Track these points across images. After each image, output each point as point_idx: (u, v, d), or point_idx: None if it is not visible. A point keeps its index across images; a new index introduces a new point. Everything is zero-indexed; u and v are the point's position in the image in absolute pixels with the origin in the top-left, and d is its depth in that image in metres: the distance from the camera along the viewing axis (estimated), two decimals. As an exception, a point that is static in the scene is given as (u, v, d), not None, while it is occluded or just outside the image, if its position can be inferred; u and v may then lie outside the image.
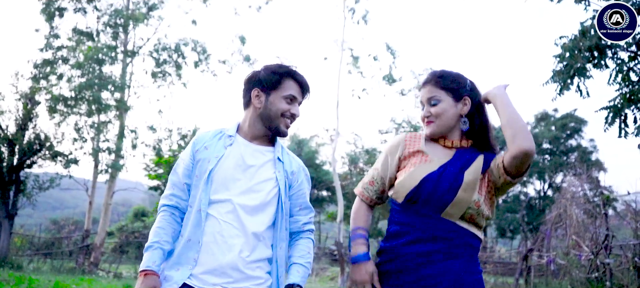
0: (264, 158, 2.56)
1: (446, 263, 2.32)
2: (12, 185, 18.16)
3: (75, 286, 11.60)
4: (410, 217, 2.40)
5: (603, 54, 6.85)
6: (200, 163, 2.53)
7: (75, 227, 30.62)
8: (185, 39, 21.76)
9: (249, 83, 2.60)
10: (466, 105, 2.48)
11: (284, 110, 2.53)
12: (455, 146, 2.48)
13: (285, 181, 2.55)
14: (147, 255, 2.47)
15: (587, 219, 13.24)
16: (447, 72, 2.52)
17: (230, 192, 2.46)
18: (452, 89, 2.47)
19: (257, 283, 2.44)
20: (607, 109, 7.01)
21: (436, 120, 2.46)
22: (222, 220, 2.43)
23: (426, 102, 2.50)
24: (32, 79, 19.53)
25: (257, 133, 2.58)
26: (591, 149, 34.75)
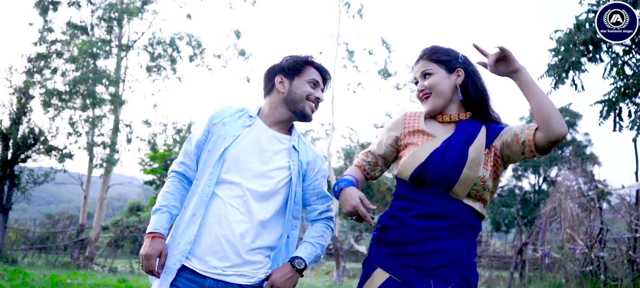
0: (280, 146, 2.55)
1: (450, 241, 2.32)
2: (6, 179, 18.09)
3: (70, 280, 11.58)
4: (417, 193, 2.39)
5: (598, 47, 6.85)
6: (215, 138, 2.51)
7: (70, 221, 30.55)
8: (180, 33, 21.72)
9: (272, 72, 2.61)
10: (460, 77, 2.46)
11: (309, 92, 2.54)
12: (454, 120, 2.47)
13: (298, 170, 2.55)
14: (155, 217, 2.48)
15: (581, 213, 13.28)
16: (437, 46, 2.53)
17: (242, 175, 2.44)
18: (444, 61, 2.46)
19: (256, 268, 2.44)
20: (602, 102, 7.02)
21: (432, 93, 2.45)
22: (228, 203, 2.41)
23: (420, 76, 2.50)
24: (26, 73, 19.48)
25: (279, 118, 2.57)
26: (586, 143, 34.83)
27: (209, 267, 2.37)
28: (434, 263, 2.29)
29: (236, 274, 2.39)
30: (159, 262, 2.39)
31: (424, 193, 2.37)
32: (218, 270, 2.37)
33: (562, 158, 31.81)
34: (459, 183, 2.31)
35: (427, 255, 2.30)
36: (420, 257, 2.31)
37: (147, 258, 2.38)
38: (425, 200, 2.36)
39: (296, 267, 2.46)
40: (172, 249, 2.43)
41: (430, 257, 2.30)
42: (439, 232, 2.32)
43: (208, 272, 2.37)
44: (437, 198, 2.35)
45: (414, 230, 2.34)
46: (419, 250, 2.32)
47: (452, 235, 2.33)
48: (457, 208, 2.34)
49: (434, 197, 2.35)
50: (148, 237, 2.43)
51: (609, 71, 7.01)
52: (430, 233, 2.32)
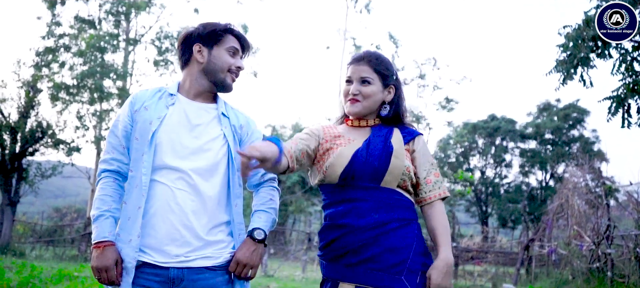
0: (209, 116, 2.46)
1: (403, 231, 2.33)
2: (14, 172, 18.19)
3: (77, 273, 11.63)
4: (349, 193, 2.37)
5: (607, 44, 6.81)
6: (140, 124, 2.38)
7: (77, 214, 30.69)
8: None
9: (188, 40, 2.50)
10: (390, 94, 2.52)
11: (229, 63, 2.45)
12: (370, 124, 2.53)
13: (233, 136, 2.46)
14: (99, 225, 2.32)
15: (588, 209, 13.24)
16: (382, 56, 2.56)
17: (178, 155, 2.34)
18: (384, 74, 2.50)
19: (220, 248, 2.36)
20: (611, 99, 6.97)
21: (363, 101, 2.47)
22: (174, 187, 2.31)
23: (357, 79, 2.48)
24: (34, 66, 19.56)
25: (200, 89, 2.47)
26: (593, 140, 34.73)
27: (171, 256, 2.27)
28: (397, 259, 2.28)
29: (200, 257, 2.31)
30: (116, 270, 2.26)
31: (357, 190, 2.36)
32: (180, 257, 2.28)
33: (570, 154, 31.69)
34: (389, 172, 2.34)
35: (387, 254, 2.29)
36: (382, 257, 2.29)
37: (105, 270, 2.24)
38: (360, 196, 2.35)
39: (257, 238, 2.39)
40: (124, 248, 2.30)
41: (391, 255, 2.29)
42: (389, 224, 2.32)
43: (170, 262, 2.27)
44: (371, 192, 2.35)
45: (363, 230, 2.32)
46: (377, 251, 2.29)
47: (403, 225, 2.34)
48: (393, 196, 2.36)
49: (368, 191, 2.35)
50: (97, 247, 2.28)
51: (618, 67, 6.97)
52: (381, 229, 2.31)
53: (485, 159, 37.58)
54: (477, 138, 37.13)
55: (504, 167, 37.40)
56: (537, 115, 36.65)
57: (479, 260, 18.76)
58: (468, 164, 37.10)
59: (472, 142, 36.96)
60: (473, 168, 37.10)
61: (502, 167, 37.39)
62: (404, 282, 2.26)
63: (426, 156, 2.48)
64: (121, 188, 2.43)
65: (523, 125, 36.58)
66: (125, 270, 2.28)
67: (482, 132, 36.67)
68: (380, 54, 2.56)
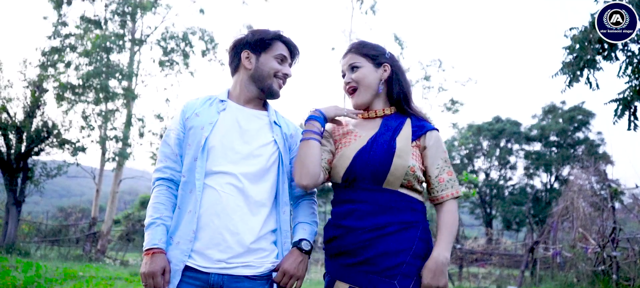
0: (260, 122, 2.48)
1: (401, 235, 2.31)
2: (20, 172, 18.23)
3: (82, 273, 11.66)
4: (351, 194, 2.40)
5: (613, 46, 6.80)
6: (192, 131, 2.42)
7: (82, 214, 30.76)
8: (193, 28, 21.75)
9: (237, 47, 2.54)
10: (386, 71, 2.52)
11: (276, 69, 2.48)
12: (380, 115, 2.52)
13: (284, 143, 2.49)
14: (151, 232, 2.36)
15: (594, 212, 13.21)
16: (365, 41, 2.59)
17: (229, 160, 2.36)
18: (372, 55, 2.51)
19: (262, 256, 2.36)
20: (617, 101, 6.96)
21: (359, 87, 2.50)
22: (222, 191, 2.33)
23: (347, 69, 2.54)
24: (40, 66, 19.59)
25: (249, 96, 2.51)
26: (599, 142, 34.64)
27: (212, 261, 2.29)
28: (392, 262, 2.28)
29: (242, 265, 2.31)
30: (164, 279, 2.28)
31: (359, 191, 2.38)
32: (222, 263, 2.29)
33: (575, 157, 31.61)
34: (391, 172, 2.33)
35: (382, 257, 2.29)
36: (377, 260, 2.30)
37: (152, 276, 2.26)
38: (361, 198, 2.36)
39: (304, 249, 2.40)
40: (172, 251, 2.33)
41: (386, 258, 2.29)
42: (387, 228, 2.31)
43: (211, 267, 2.28)
44: (373, 194, 2.35)
45: (361, 232, 2.33)
46: (373, 254, 2.30)
47: (401, 229, 2.32)
48: (395, 198, 2.35)
49: (370, 192, 2.36)
50: (147, 254, 2.31)
51: (624, 69, 6.96)
52: (378, 232, 2.31)
53: (490, 161, 37.53)
54: (482, 140, 37.08)
55: (509, 169, 37.36)
56: (542, 117, 36.59)
57: (483, 263, 18.72)
58: (472, 166, 37.05)
59: (477, 144, 36.92)
60: (477, 170, 37.05)
61: (507, 169, 37.34)
62: (397, 286, 2.26)
63: (439, 152, 2.45)
64: (174, 196, 2.45)
65: (528, 127, 36.52)
66: (172, 273, 2.30)
67: (486, 134, 36.62)
68: (363, 40, 2.60)
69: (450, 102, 27.36)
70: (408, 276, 2.28)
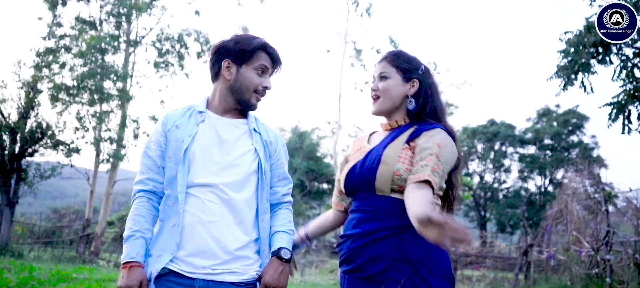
0: (239, 132, 2.45)
1: (390, 240, 2.30)
2: (13, 173, 18.18)
3: (76, 275, 11.62)
4: (354, 203, 2.46)
5: (608, 50, 6.83)
6: (172, 143, 2.38)
7: (76, 216, 30.67)
8: (188, 30, 21.72)
9: (219, 53, 2.46)
10: (414, 87, 2.49)
11: (256, 84, 2.42)
12: (394, 126, 2.51)
13: (264, 151, 2.46)
14: (129, 245, 2.31)
15: (588, 215, 13.25)
16: (404, 52, 2.56)
17: (210, 171, 2.34)
18: (404, 68, 2.49)
19: (247, 264, 2.34)
20: (611, 105, 7.00)
21: (382, 96, 2.48)
22: (206, 199, 2.31)
23: (377, 77, 2.53)
24: (34, 67, 19.55)
25: (228, 106, 2.46)
26: (593, 145, 34.77)
27: (197, 267, 2.26)
28: (379, 267, 2.29)
29: (227, 272, 2.29)
30: None
31: (358, 201, 2.42)
32: (207, 269, 2.27)
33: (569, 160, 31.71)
34: (377, 179, 2.33)
35: (371, 263, 2.30)
36: (367, 266, 2.31)
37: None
38: (359, 206, 2.41)
39: (284, 257, 2.36)
40: (152, 264, 2.30)
41: (374, 263, 2.30)
42: (377, 233, 2.31)
43: (196, 272, 2.26)
44: (366, 200, 2.38)
45: (354, 239, 2.36)
46: (364, 259, 2.32)
47: (392, 234, 2.31)
48: (385, 203, 2.34)
49: (364, 200, 2.39)
50: (124, 268, 2.25)
51: (618, 73, 6.99)
52: (369, 237, 2.32)
53: (485, 164, 37.62)
54: (477, 143, 37.16)
55: (503, 172, 37.46)
56: (536, 120, 36.69)
57: (478, 265, 18.75)
58: (467, 169, 37.10)
59: (472, 147, 36.99)
60: (472, 173, 37.12)
61: (501, 172, 37.44)
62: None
63: (426, 144, 2.36)
64: (155, 209, 2.41)
65: (522, 131, 36.63)
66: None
67: (481, 136, 36.70)
68: (401, 51, 2.57)
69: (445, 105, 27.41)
70: (395, 281, 2.27)
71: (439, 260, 2.32)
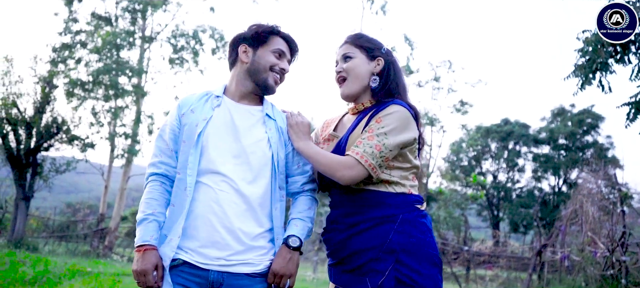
0: (254, 118, 2.45)
1: (373, 232, 2.29)
2: (29, 167, 18.31)
3: (91, 269, 11.71)
4: (331, 198, 2.46)
5: (626, 49, 6.77)
6: (187, 127, 2.40)
7: (90, 210, 30.87)
8: (203, 26, 21.80)
9: (236, 41, 2.52)
10: (379, 65, 2.49)
11: (273, 63, 2.44)
12: (361, 109, 2.49)
13: (279, 137, 2.44)
14: (142, 228, 2.33)
15: (603, 216, 13.15)
16: (363, 33, 2.57)
17: (223, 158, 2.33)
18: (367, 47, 2.49)
19: (260, 254, 2.34)
20: (629, 105, 6.93)
21: (348, 77, 2.47)
22: (218, 188, 2.30)
23: (340, 58, 2.52)
24: (50, 62, 19.70)
25: (244, 91, 2.48)
26: (608, 146, 34.48)
27: (211, 258, 2.26)
28: (363, 259, 2.28)
29: (241, 263, 2.29)
30: (157, 274, 2.26)
31: (333, 196, 2.43)
32: (221, 260, 2.27)
33: (584, 160, 31.47)
34: None
35: (355, 256, 2.30)
36: (351, 258, 2.31)
37: (144, 274, 2.24)
38: (335, 201, 2.42)
39: (291, 245, 2.35)
40: (164, 247, 2.31)
41: (358, 255, 2.29)
42: (360, 225, 2.31)
43: (210, 264, 2.26)
44: (342, 196, 2.38)
45: (337, 233, 2.36)
46: (348, 252, 2.32)
47: (374, 225, 2.30)
48: (362, 197, 2.33)
49: (340, 196, 2.39)
50: (139, 251, 2.28)
51: (636, 73, 6.92)
52: (350, 231, 2.32)
53: (498, 163, 37.42)
54: (490, 142, 36.97)
55: (517, 172, 37.23)
56: (551, 120, 36.44)
57: (491, 265, 18.68)
58: (480, 168, 36.95)
59: (485, 146, 36.81)
60: (485, 172, 36.95)
61: (515, 171, 37.22)
62: (368, 283, 2.26)
63: (380, 123, 2.32)
64: (167, 193, 2.43)
65: (536, 130, 36.39)
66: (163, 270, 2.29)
67: (495, 136, 36.50)
68: (360, 32, 2.57)
69: (459, 104, 27.26)
70: (379, 272, 2.26)
71: (423, 246, 2.30)
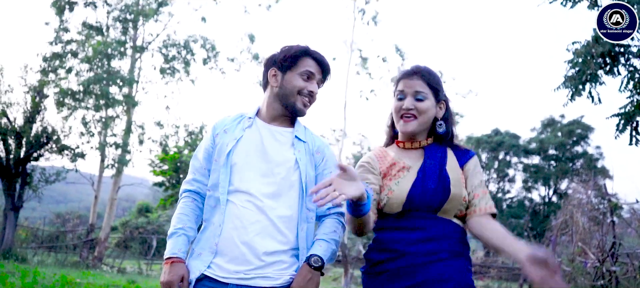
0: (283, 139, 2.47)
1: (451, 262, 2.27)
2: (18, 177, 18.20)
3: (80, 280, 11.62)
4: (405, 221, 2.33)
5: (616, 60, 6.82)
6: (219, 146, 2.46)
7: (80, 221, 30.68)
8: (195, 36, 21.81)
9: (267, 64, 2.54)
10: (442, 110, 2.46)
11: (300, 87, 2.44)
12: (422, 146, 2.45)
13: (307, 160, 2.46)
14: (172, 241, 2.40)
15: (593, 226, 13.19)
16: (432, 70, 2.47)
17: (250, 178, 2.38)
18: (436, 89, 2.42)
19: (281, 269, 2.34)
20: (619, 116, 6.98)
21: (419, 117, 2.39)
22: (241, 206, 2.35)
23: (412, 94, 2.39)
24: (41, 72, 19.62)
25: (275, 114, 2.51)
26: (597, 156, 34.68)
27: (230, 272, 2.29)
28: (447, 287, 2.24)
29: (260, 277, 2.31)
30: (182, 286, 2.30)
31: (414, 219, 2.32)
32: (240, 274, 2.29)
33: (573, 170, 31.63)
34: (449, 202, 2.29)
35: (439, 283, 2.24)
36: (433, 284, 2.24)
37: (170, 285, 2.28)
38: (418, 225, 2.31)
39: (313, 265, 2.33)
40: (193, 261, 2.37)
41: (438, 284, 2.23)
42: (440, 254, 2.27)
43: (230, 277, 2.29)
44: (429, 221, 2.31)
45: (413, 257, 2.27)
46: (422, 278, 2.24)
47: (452, 256, 2.28)
48: (449, 227, 2.32)
49: (426, 220, 2.31)
50: (167, 263, 2.33)
51: (626, 84, 6.97)
52: (432, 257, 2.26)
53: (489, 174, 37.53)
54: (481, 152, 37.10)
55: (507, 182, 37.37)
56: (541, 130, 36.64)
57: (482, 275, 18.70)
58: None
59: (476, 156, 36.92)
60: (476, 183, 37.03)
61: (505, 182, 37.35)
62: None
63: (477, 174, 2.40)
64: (199, 209, 2.51)
65: (527, 141, 36.57)
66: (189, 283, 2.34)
67: (485, 146, 36.65)
68: (430, 68, 2.48)
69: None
70: None
71: (472, 285, 2.35)
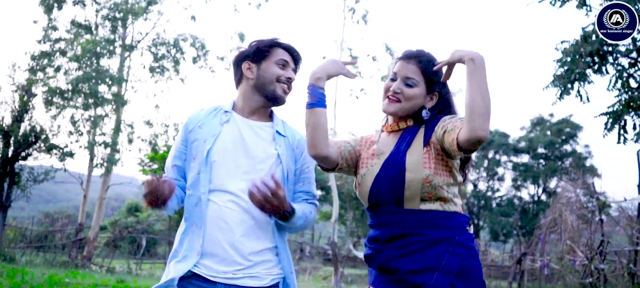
0: (263, 134, 2.44)
1: (425, 252, 2.23)
2: (6, 177, 18.08)
3: (68, 280, 11.56)
4: (378, 217, 2.36)
5: (604, 59, 6.87)
6: (195, 143, 2.41)
7: (68, 220, 30.47)
8: (184, 35, 21.71)
9: (238, 59, 2.52)
10: (432, 101, 2.40)
11: (278, 74, 2.44)
12: (402, 127, 2.41)
13: (288, 155, 2.45)
14: None
15: (581, 225, 13.27)
16: (433, 57, 2.41)
17: (231, 175, 2.34)
18: (430, 78, 2.36)
19: (268, 268, 2.35)
20: (607, 114, 7.03)
21: (403, 102, 2.35)
22: (224, 206, 2.32)
23: (402, 78, 2.36)
24: (29, 70, 19.49)
25: (253, 106, 2.48)
26: (586, 155, 34.89)
27: (219, 272, 2.29)
28: (420, 280, 2.22)
29: (248, 276, 2.31)
30: (168, 185, 2.25)
31: (383, 215, 2.33)
32: (228, 274, 2.29)
33: (562, 169, 31.81)
34: (406, 190, 2.25)
35: (410, 275, 2.23)
36: (407, 277, 2.24)
37: (149, 181, 2.24)
38: (385, 221, 2.32)
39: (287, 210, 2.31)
40: (176, 264, 2.34)
41: (414, 276, 2.23)
42: (412, 246, 2.25)
43: (218, 277, 2.28)
44: (394, 216, 2.29)
45: (390, 252, 2.29)
46: (403, 269, 2.25)
47: (426, 246, 2.24)
48: (423, 216, 2.26)
49: (392, 215, 2.30)
50: None
51: (614, 83, 7.02)
52: (404, 250, 2.25)
53: (478, 172, 37.64)
54: (471, 151, 37.18)
55: (497, 181, 37.49)
56: (530, 129, 36.79)
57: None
58: (461, 177, 37.11)
59: (465, 155, 37.00)
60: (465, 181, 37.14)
61: (495, 180, 37.47)
62: None
63: (446, 123, 2.27)
64: (181, 188, 2.46)
65: (516, 139, 36.71)
66: (169, 281, 2.30)
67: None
68: (432, 56, 2.42)
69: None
70: None
71: (474, 270, 2.28)
